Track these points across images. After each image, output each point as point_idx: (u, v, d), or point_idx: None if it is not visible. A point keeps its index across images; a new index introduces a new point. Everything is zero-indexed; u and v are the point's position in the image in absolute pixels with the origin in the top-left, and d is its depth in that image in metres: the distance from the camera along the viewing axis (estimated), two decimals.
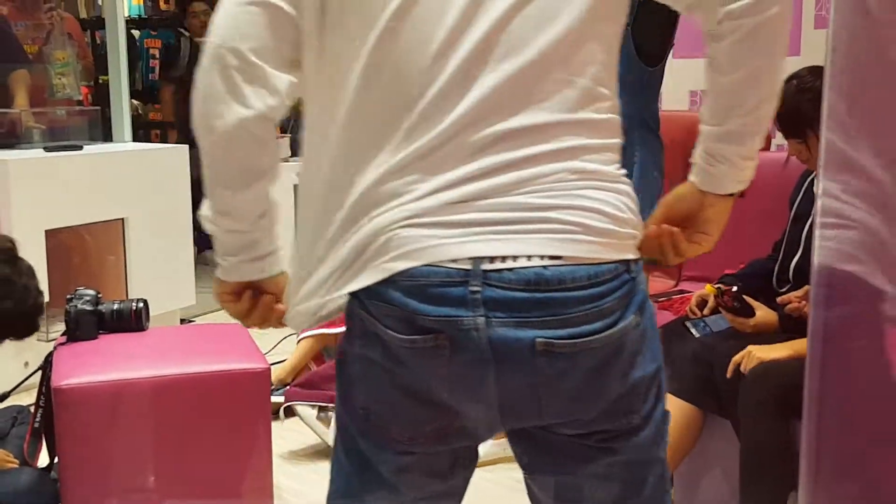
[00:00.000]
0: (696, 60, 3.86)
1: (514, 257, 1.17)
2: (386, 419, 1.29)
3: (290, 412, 3.21)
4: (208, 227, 1.36)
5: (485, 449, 3.16)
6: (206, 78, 1.27)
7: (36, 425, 2.59)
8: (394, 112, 1.20)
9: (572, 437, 1.29)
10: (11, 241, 2.55)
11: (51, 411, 2.47)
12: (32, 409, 2.62)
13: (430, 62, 1.19)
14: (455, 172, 1.18)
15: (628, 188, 1.26)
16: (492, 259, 1.17)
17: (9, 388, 2.66)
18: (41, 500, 2.47)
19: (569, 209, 1.19)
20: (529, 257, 1.17)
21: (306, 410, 3.22)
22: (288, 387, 3.32)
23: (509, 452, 3.23)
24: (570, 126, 1.21)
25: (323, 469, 3.12)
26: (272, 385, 3.00)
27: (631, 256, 1.23)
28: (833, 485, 1.09)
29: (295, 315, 1.34)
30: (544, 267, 1.17)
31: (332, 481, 1.40)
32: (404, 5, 1.19)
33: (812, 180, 2.69)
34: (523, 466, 1.40)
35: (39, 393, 2.58)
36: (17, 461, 2.55)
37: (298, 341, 3.74)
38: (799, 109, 2.42)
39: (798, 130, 2.52)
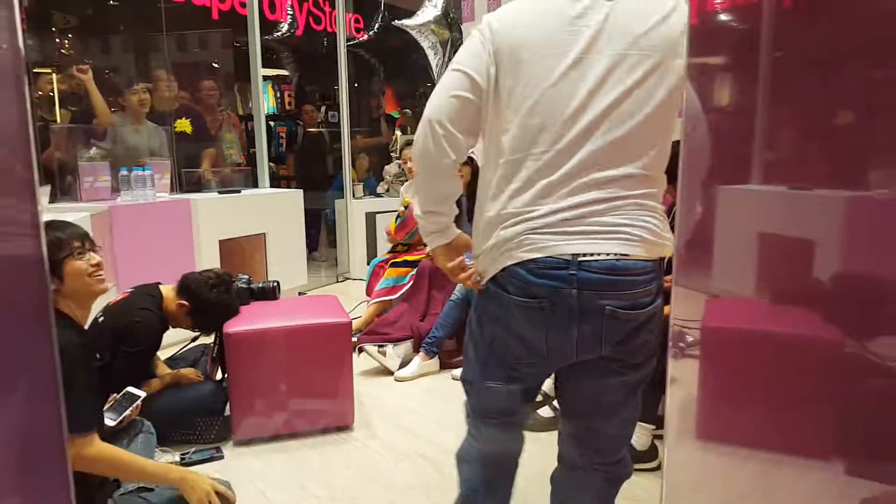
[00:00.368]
0: None
1: (599, 254, 1.20)
2: (500, 348, 1.32)
3: (360, 351, 3.19)
4: (421, 220, 1.39)
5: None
6: (423, 137, 1.29)
7: (214, 356, 2.60)
8: (531, 159, 1.24)
9: (607, 362, 1.30)
10: (229, 274, 2.57)
11: (223, 347, 2.49)
12: (212, 345, 2.63)
13: (558, 129, 1.21)
14: (567, 201, 1.21)
15: (663, 216, 1.29)
16: (584, 255, 1.20)
17: (196, 335, 2.67)
18: (217, 401, 2.49)
19: (634, 227, 1.22)
20: (608, 254, 1.20)
21: (371, 348, 3.21)
22: (359, 334, 3.31)
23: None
24: (642, 178, 1.24)
25: (383, 380, 3.14)
26: (352, 332, 3.01)
27: (659, 257, 1.27)
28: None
29: (476, 274, 1.37)
30: (616, 260, 1.20)
31: (466, 363, 1.41)
32: (544, 94, 1.22)
33: None
34: (563, 379, 1.39)
35: (215, 337, 2.60)
36: (202, 377, 2.56)
37: (369, 305, 3.72)
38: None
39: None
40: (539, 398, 2.66)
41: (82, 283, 1.75)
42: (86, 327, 1.78)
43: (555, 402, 2.57)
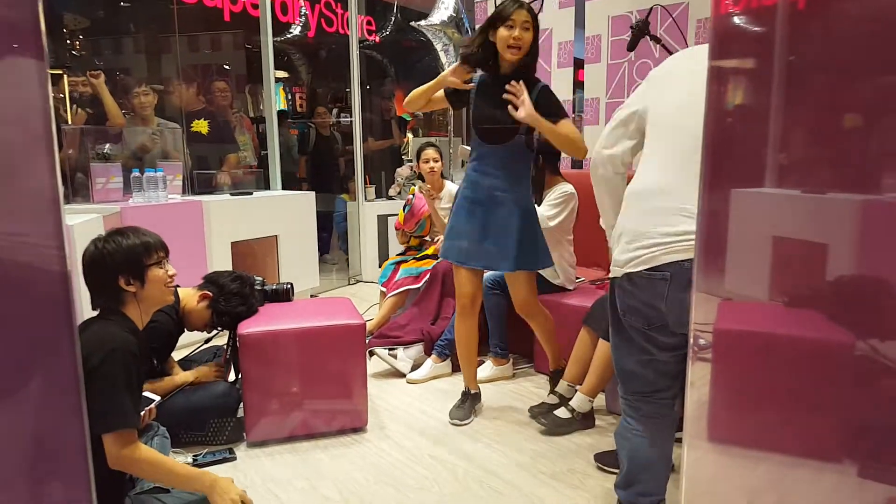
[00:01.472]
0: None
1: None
2: (632, 316, 1.62)
3: (371, 354, 3.21)
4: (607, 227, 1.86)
5: (491, 372, 3.16)
6: (601, 167, 1.78)
7: (227, 357, 2.63)
8: (661, 179, 1.56)
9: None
10: (249, 276, 2.69)
11: (236, 349, 2.51)
12: (226, 346, 2.66)
13: (680, 157, 1.51)
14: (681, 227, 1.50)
15: None
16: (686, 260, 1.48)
17: (211, 335, 2.70)
18: (230, 401, 2.51)
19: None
20: None
21: (382, 351, 3.23)
22: (370, 338, 3.33)
23: (504, 374, 3.17)
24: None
25: (395, 383, 3.17)
26: (366, 333, 3.03)
27: None
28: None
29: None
30: None
31: (612, 334, 1.72)
32: (673, 126, 1.56)
33: None
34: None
35: (229, 338, 2.62)
36: (221, 370, 2.59)
37: (386, 298, 3.73)
38: None
39: None
40: (554, 399, 2.66)
41: (159, 291, 1.86)
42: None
43: (571, 404, 2.57)
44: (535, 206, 2.63)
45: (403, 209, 3.94)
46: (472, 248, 2.49)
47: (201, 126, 4.55)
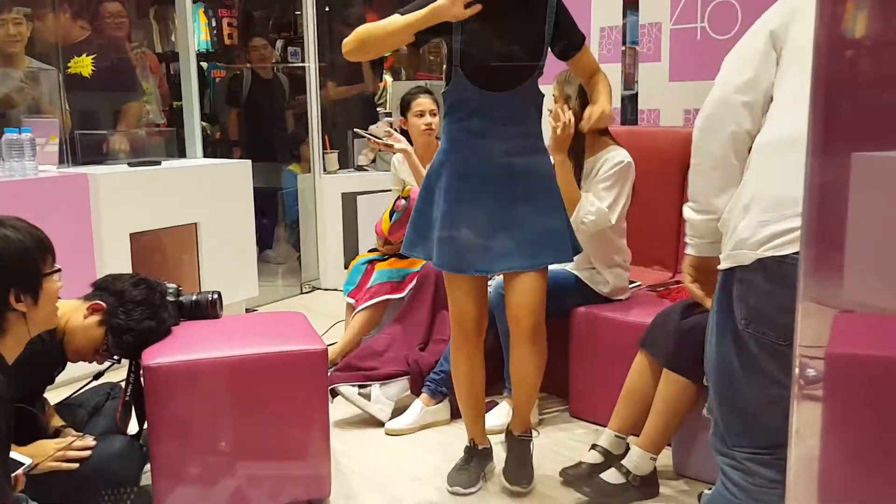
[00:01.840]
0: (690, 82, 3.87)
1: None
2: (762, 326, 1.64)
3: (335, 394, 3.21)
4: (692, 217, 1.95)
5: (508, 417, 3.18)
6: (728, 122, 1.84)
7: (127, 399, 2.62)
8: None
9: None
10: (150, 278, 2.69)
11: (140, 387, 2.50)
12: (123, 385, 2.66)
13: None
14: None
15: None
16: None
17: (103, 368, 2.70)
18: (131, 463, 2.50)
19: None
20: None
21: (349, 390, 3.24)
22: (333, 369, 3.33)
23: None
24: None
25: (369, 435, 3.18)
26: (328, 364, 3.03)
27: None
28: None
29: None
30: None
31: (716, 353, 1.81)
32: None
33: None
34: None
35: (129, 371, 2.61)
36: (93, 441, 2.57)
37: (355, 314, 3.75)
38: None
39: None
40: (597, 457, 2.68)
41: (52, 311, 1.91)
42: None
43: (625, 464, 2.59)
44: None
45: (390, 215, 3.87)
46: (476, 247, 2.49)
47: (82, 65, 4.53)
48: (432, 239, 2.53)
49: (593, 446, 2.71)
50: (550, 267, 2.76)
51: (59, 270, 1.93)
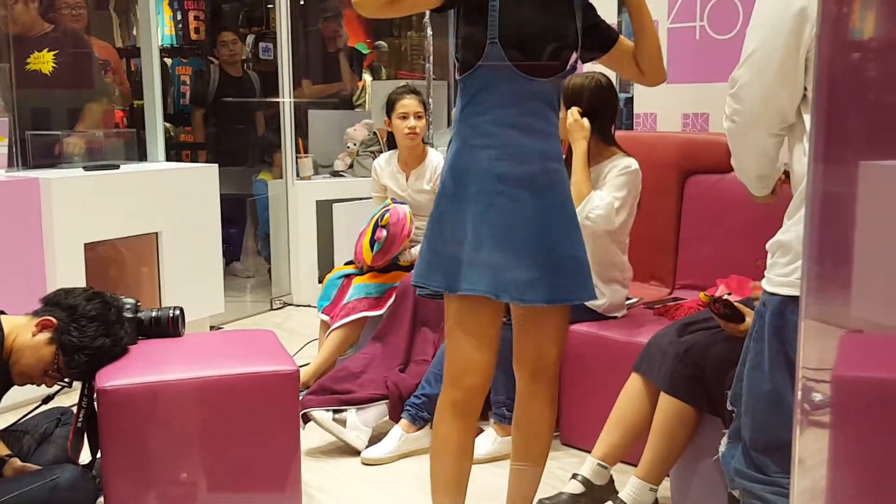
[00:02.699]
0: (688, 85, 3.90)
1: None
2: None
3: (307, 420, 3.20)
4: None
5: (494, 445, 3.18)
6: (762, 125, 1.83)
7: (79, 425, 2.61)
8: None
9: None
10: (105, 292, 2.69)
11: (93, 411, 2.49)
12: (75, 409, 2.64)
13: None
14: None
15: None
16: None
17: (53, 392, 2.69)
18: (82, 495, 2.48)
19: None
20: None
21: (322, 416, 3.23)
22: (305, 392, 3.32)
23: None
24: None
25: (345, 465, 3.16)
26: (300, 387, 3.02)
27: None
28: None
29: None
30: None
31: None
32: None
33: None
34: None
35: (82, 395, 2.60)
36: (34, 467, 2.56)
37: (329, 333, 3.74)
38: None
39: None
40: (578, 487, 2.67)
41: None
42: None
43: (623, 497, 2.58)
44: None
45: (370, 240, 3.79)
46: (514, 267, 2.16)
47: (43, 62, 4.51)
48: (460, 260, 2.16)
49: (574, 476, 2.71)
50: None
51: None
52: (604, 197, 2.99)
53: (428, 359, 3.38)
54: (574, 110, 3.06)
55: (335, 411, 3.25)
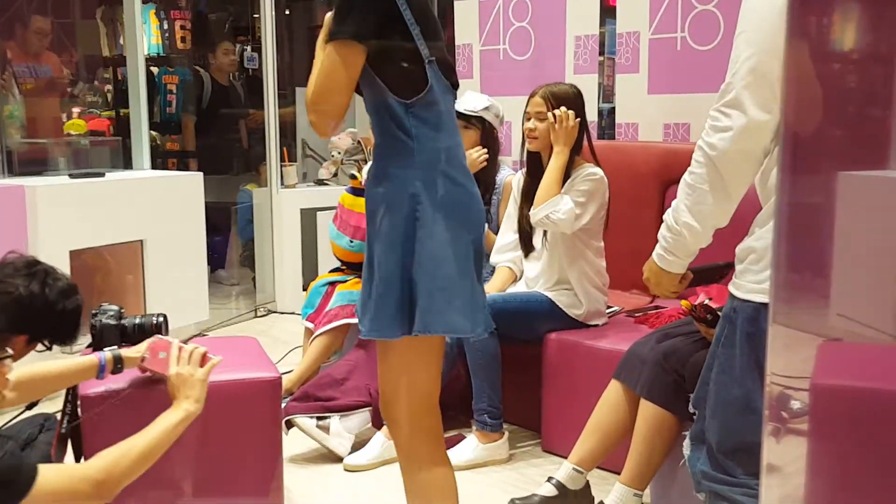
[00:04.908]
0: (669, 96, 3.92)
1: None
2: None
3: (289, 426, 3.20)
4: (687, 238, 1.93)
5: (476, 452, 3.17)
6: (749, 139, 1.76)
7: (63, 431, 2.59)
8: None
9: None
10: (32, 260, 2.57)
11: (77, 418, 2.47)
12: (59, 416, 2.62)
13: None
14: None
15: None
16: None
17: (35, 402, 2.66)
18: None
19: None
20: None
21: (306, 422, 3.22)
22: (289, 399, 3.32)
23: (496, 456, 3.20)
24: None
25: (327, 471, 3.15)
26: (282, 394, 3.02)
27: None
28: None
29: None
30: None
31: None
32: None
33: None
34: None
35: (66, 401, 2.58)
36: None
37: (313, 339, 3.73)
38: None
39: None
40: (551, 490, 2.67)
41: None
42: None
43: (606, 501, 2.58)
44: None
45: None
46: None
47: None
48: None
49: (549, 479, 2.71)
50: (523, 290, 2.74)
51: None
52: (569, 203, 3.02)
53: None
54: (571, 114, 3.08)
55: (318, 418, 3.24)
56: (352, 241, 3.87)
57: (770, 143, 1.77)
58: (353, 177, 3.97)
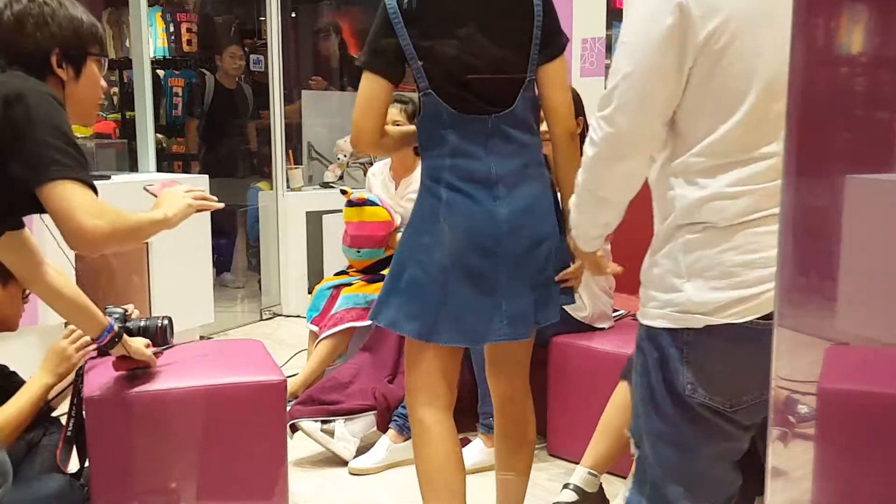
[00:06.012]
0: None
1: None
2: (710, 393, 1.64)
3: (294, 430, 3.20)
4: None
5: (481, 456, 3.17)
6: (628, 158, 1.71)
7: (68, 434, 2.60)
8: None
9: None
10: None
11: (82, 421, 2.48)
12: (64, 419, 2.63)
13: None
14: None
15: None
16: None
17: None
18: None
19: None
20: None
21: (311, 426, 3.22)
22: (294, 402, 3.33)
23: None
24: None
25: (332, 475, 3.15)
26: (287, 397, 3.02)
27: None
28: None
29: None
30: None
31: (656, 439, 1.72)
32: None
33: None
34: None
35: (71, 404, 2.59)
36: None
37: (318, 342, 3.74)
38: None
39: None
40: (571, 496, 2.67)
41: (91, 98, 2.10)
42: None
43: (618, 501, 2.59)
44: None
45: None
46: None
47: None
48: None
49: (566, 485, 2.70)
50: None
51: (106, 56, 2.14)
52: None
53: None
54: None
55: (323, 422, 3.24)
56: (359, 251, 3.89)
57: (648, 160, 1.71)
58: (344, 192, 3.96)
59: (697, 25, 1.53)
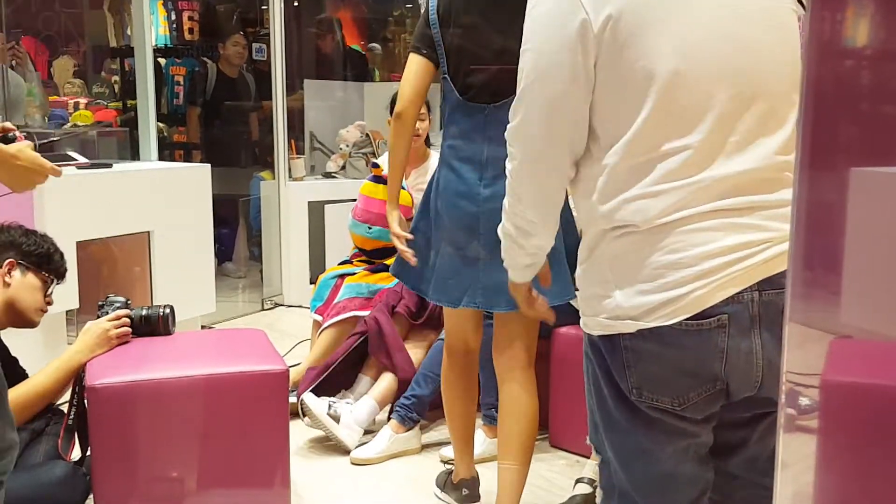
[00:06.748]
0: None
1: None
2: (655, 393, 1.62)
3: (302, 413, 3.20)
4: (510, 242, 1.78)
5: (484, 447, 3.18)
6: (548, 159, 1.63)
7: (70, 423, 2.61)
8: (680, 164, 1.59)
9: None
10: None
11: (84, 410, 2.49)
12: (66, 408, 2.64)
13: (714, 120, 1.56)
14: None
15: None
16: None
17: None
18: (73, 492, 2.49)
19: None
20: None
21: (318, 406, 3.22)
22: (292, 395, 3.34)
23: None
24: None
25: (333, 464, 3.16)
26: (290, 386, 3.03)
27: None
28: None
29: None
30: None
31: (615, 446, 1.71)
32: None
33: None
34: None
35: (73, 393, 2.61)
36: None
37: (321, 332, 3.75)
38: None
39: None
40: (586, 487, 2.68)
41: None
42: None
43: None
44: None
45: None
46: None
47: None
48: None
49: (579, 480, 2.72)
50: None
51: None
52: None
53: (420, 358, 3.40)
54: None
55: (330, 402, 3.25)
56: (370, 228, 3.89)
57: (566, 167, 1.65)
58: (376, 165, 3.98)
59: (591, 16, 1.50)
